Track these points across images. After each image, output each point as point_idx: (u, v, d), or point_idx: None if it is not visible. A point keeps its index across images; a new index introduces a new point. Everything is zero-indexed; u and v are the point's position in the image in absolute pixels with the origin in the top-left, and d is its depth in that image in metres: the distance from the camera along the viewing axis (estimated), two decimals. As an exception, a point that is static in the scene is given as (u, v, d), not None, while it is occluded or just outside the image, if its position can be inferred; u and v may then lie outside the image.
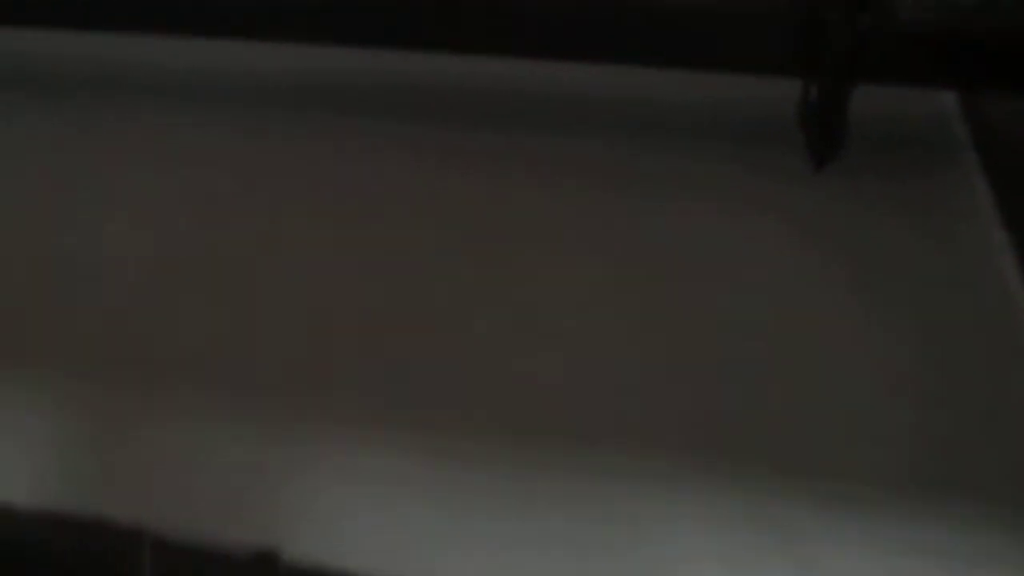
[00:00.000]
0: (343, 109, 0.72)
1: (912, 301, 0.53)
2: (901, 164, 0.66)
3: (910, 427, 0.46)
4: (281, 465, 0.47)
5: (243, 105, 0.72)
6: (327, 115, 0.71)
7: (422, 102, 0.71)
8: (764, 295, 0.54)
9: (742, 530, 0.42)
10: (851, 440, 0.45)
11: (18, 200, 0.65)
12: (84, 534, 0.49)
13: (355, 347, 0.52)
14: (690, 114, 0.69)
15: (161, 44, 0.71)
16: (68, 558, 0.50)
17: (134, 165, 0.67)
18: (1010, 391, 0.47)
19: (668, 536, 0.42)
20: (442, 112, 0.71)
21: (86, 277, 0.57)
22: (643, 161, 0.66)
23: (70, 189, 0.66)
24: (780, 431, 0.46)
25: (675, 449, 0.45)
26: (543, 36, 0.64)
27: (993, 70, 0.66)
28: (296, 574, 0.46)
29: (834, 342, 0.50)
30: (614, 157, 0.66)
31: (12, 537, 0.50)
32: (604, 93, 0.69)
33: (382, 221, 0.61)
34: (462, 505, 0.45)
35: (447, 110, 0.71)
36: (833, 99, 0.65)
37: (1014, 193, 0.66)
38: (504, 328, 0.53)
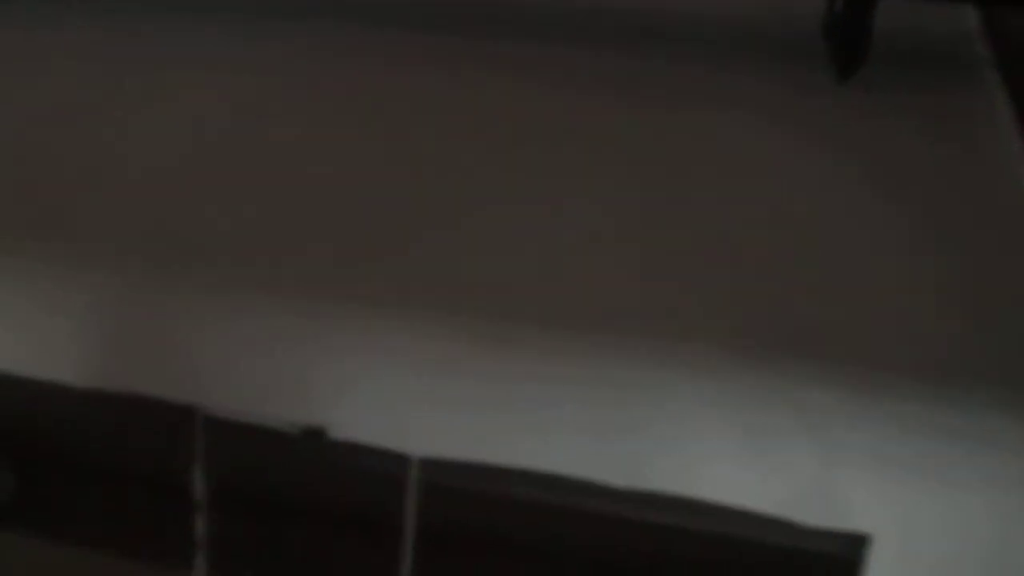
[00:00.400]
0: (367, 22, 0.73)
1: (929, 201, 0.55)
2: (923, 78, 0.67)
3: (929, 318, 0.48)
4: (325, 348, 0.49)
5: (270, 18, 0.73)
6: (351, 27, 0.72)
7: (445, 13, 0.73)
8: (787, 193, 0.56)
9: (766, 412, 0.45)
10: (872, 329, 0.48)
11: (58, 98, 0.67)
12: (136, 410, 0.51)
13: (393, 239, 0.54)
14: (717, 27, 0.71)
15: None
16: (120, 435, 0.53)
17: (170, 70, 0.69)
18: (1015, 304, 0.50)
19: (689, 415, 0.45)
20: (467, 22, 0.72)
21: (130, 166, 0.59)
22: (668, 72, 0.68)
23: (108, 90, 0.67)
24: (802, 320, 0.48)
25: (699, 334, 0.47)
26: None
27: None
28: (341, 448, 0.49)
29: (855, 238, 0.53)
30: (639, 68, 0.67)
31: (64, 416, 0.53)
32: (628, 5, 0.71)
33: (409, 124, 0.63)
34: (501, 392, 0.47)
35: (471, 20, 0.72)
36: (856, 12, 0.67)
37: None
38: (531, 219, 0.55)
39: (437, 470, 0.47)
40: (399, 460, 0.47)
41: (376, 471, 0.48)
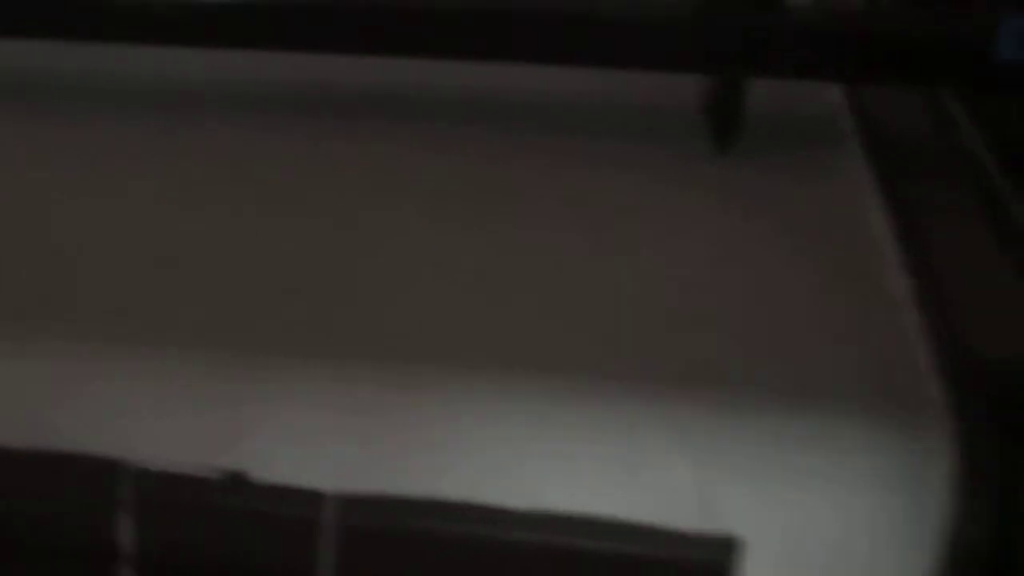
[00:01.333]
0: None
1: (789, 244, 0.62)
2: (792, 146, 0.75)
3: (787, 342, 0.54)
4: (244, 399, 0.54)
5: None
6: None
7: (369, 101, 0.80)
8: (663, 239, 0.63)
9: (644, 431, 0.50)
10: (740, 355, 0.53)
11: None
12: (62, 468, 0.55)
13: (297, 296, 0.59)
14: (614, 108, 0.78)
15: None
16: (46, 493, 0.56)
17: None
18: (868, 327, 0.56)
19: (577, 438, 0.50)
20: (395, 110, 0.79)
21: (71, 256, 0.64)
22: (568, 146, 0.74)
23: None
24: (676, 349, 0.54)
25: (584, 366, 0.53)
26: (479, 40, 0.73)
27: (873, 66, 0.76)
28: (264, 491, 0.53)
29: (725, 277, 0.59)
30: (544, 145, 0.74)
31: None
32: (539, 90, 0.78)
33: (349, 195, 0.69)
34: (404, 426, 0.52)
35: (400, 109, 0.79)
36: (731, 92, 0.74)
37: (890, 173, 0.75)
38: (420, 270, 0.60)
39: (351, 505, 0.51)
40: (314, 497, 0.51)
41: (293, 509, 0.52)
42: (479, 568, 0.52)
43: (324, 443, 0.52)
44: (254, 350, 0.54)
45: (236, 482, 0.53)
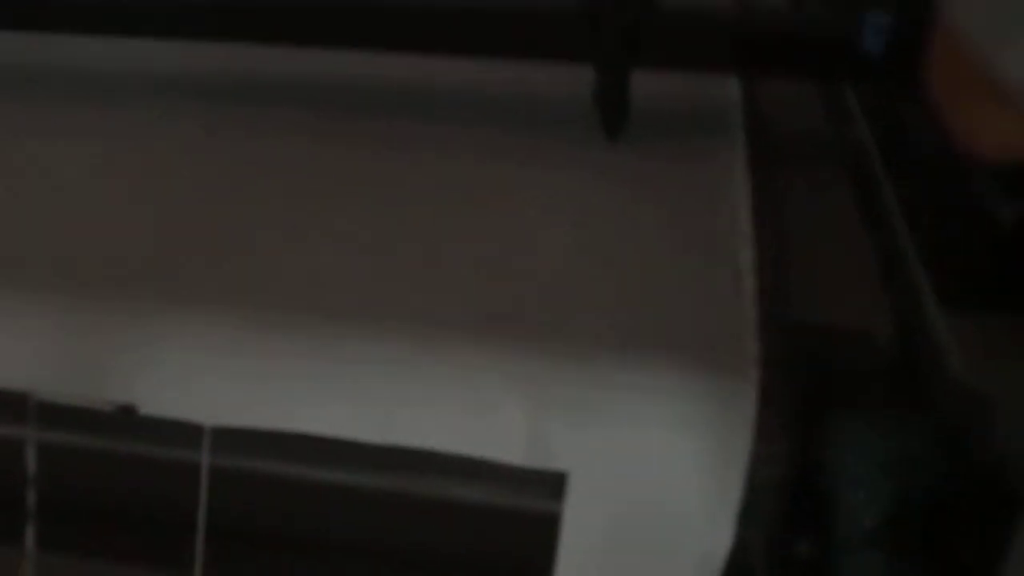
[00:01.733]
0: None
1: (654, 224, 0.68)
2: (679, 135, 0.81)
3: (626, 303, 0.61)
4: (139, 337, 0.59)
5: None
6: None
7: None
8: (533, 212, 0.69)
9: (480, 379, 0.56)
10: (579, 310, 0.60)
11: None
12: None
13: (197, 255, 0.65)
14: (505, 99, 0.84)
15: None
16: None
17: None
18: (706, 291, 0.62)
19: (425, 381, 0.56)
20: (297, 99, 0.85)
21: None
22: (463, 137, 0.80)
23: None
24: (523, 309, 0.60)
25: (438, 321, 0.59)
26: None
27: (748, 58, 0.82)
28: (153, 423, 0.59)
29: (579, 245, 0.65)
30: (438, 133, 0.80)
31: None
32: (431, 81, 0.84)
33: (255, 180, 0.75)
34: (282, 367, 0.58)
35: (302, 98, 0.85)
36: (614, 81, 0.80)
37: (765, 160, 0.82)
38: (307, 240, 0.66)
39: (228, 438, 0.57)
40: (194, 429, 0.57)
41: (174, 440, 0.58)
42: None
43: (207, 381, 0.58)
44: (156, 295, 0.60)
45: (127, 414, 0.59)
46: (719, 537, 0.54)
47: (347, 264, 0.63)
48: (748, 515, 0.54)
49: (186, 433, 0.58)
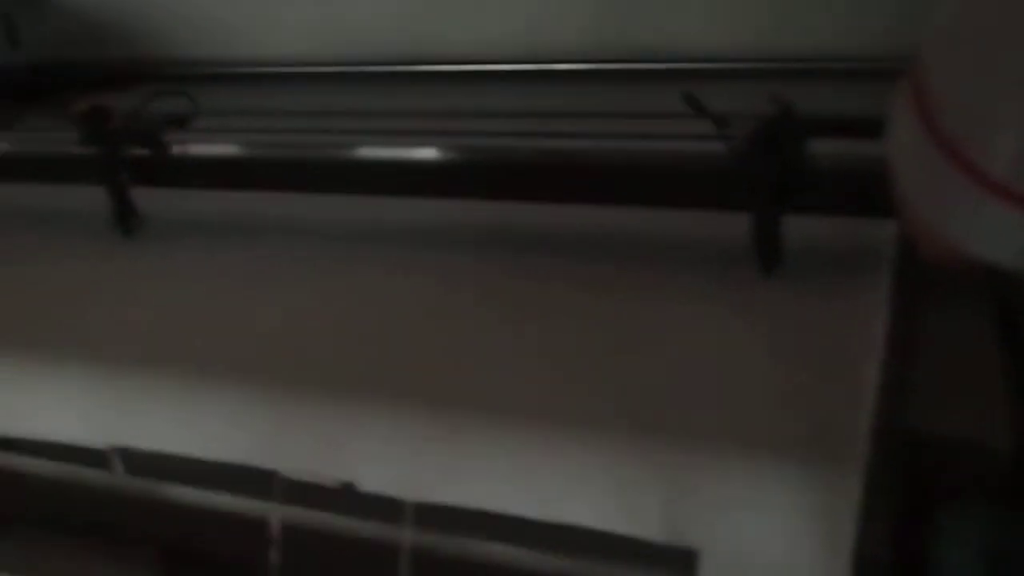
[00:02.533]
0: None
1: (796, 347, 0.77)
2: (827, 272, 0.90)
3: (762, 410, 0.71)
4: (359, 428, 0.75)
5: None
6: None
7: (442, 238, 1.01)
8: (696, 341, 0.79)
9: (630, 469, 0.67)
10: (717, 411, 0.70)
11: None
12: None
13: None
14: (668, 242, 0.97)
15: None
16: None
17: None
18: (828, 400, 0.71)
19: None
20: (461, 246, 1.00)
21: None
22: (630, 277, 0.93)
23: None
24: (672, 417, 0.71)
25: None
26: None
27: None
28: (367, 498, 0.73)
29: (722, 371, 0.76)
30: (607, 274, 0.93)
31: None
32: (603, 229, 0.98)
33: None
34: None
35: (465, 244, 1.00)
36: (767, 226, 0.91)
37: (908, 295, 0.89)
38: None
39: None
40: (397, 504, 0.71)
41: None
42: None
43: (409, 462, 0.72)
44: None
45: (348, 489, 0.74)
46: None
47: (530, 373, 0.77)
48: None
49: (391, 507, 0.72)
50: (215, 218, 1.11)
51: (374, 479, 0.72)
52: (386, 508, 0.73)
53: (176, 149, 1.07)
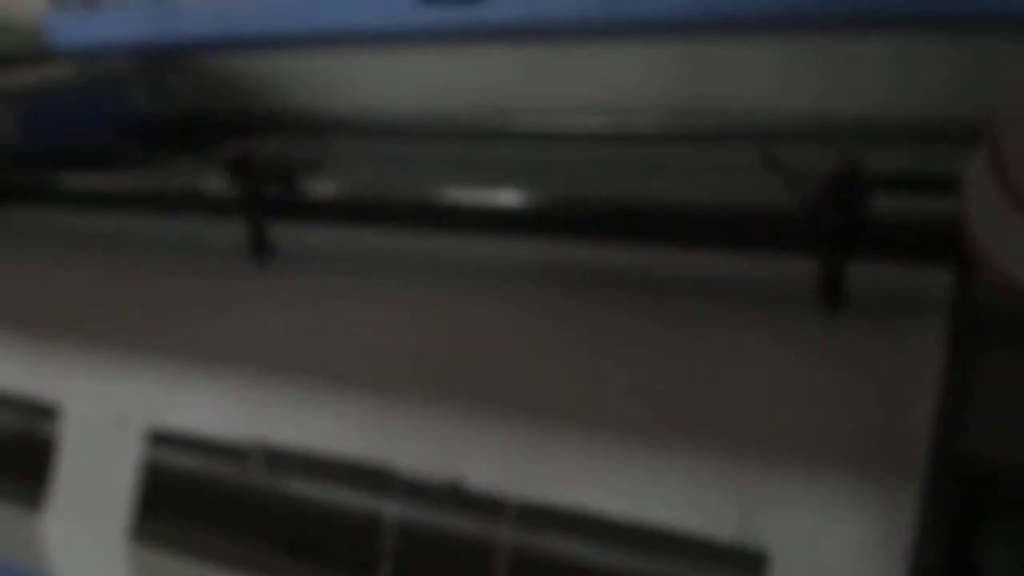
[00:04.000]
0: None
1: (849, 382, 0.81)
2: (888, 316, 0.93)
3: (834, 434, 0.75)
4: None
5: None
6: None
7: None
8: (764, 373, 0.84)
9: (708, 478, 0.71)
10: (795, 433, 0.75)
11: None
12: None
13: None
14: (744, 286, 1.01)
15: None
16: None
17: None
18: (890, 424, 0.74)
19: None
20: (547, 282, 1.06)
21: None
22: (710, 314, 0.97)
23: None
24: (747, 435, 0.75)
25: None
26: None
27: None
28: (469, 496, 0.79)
29: (789, 397, 0.80)
30: (684, 311, 0.98)
31: None
32: (680, 272, 1.03)
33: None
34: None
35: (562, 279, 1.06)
36: (832, 272, 0.95)
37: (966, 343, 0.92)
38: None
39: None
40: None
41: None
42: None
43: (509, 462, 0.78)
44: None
45: (455, 488, 0.80)
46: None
47: (619, 393, 0.83)
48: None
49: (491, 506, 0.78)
50: (334, 250, 1.19)
51: (479, 478, 0.78)
52: (488, 507, 0.78)
53: (307, 189, 1.16)
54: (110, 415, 0.96)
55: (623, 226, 1.07)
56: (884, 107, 1.32)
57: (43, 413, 1.04)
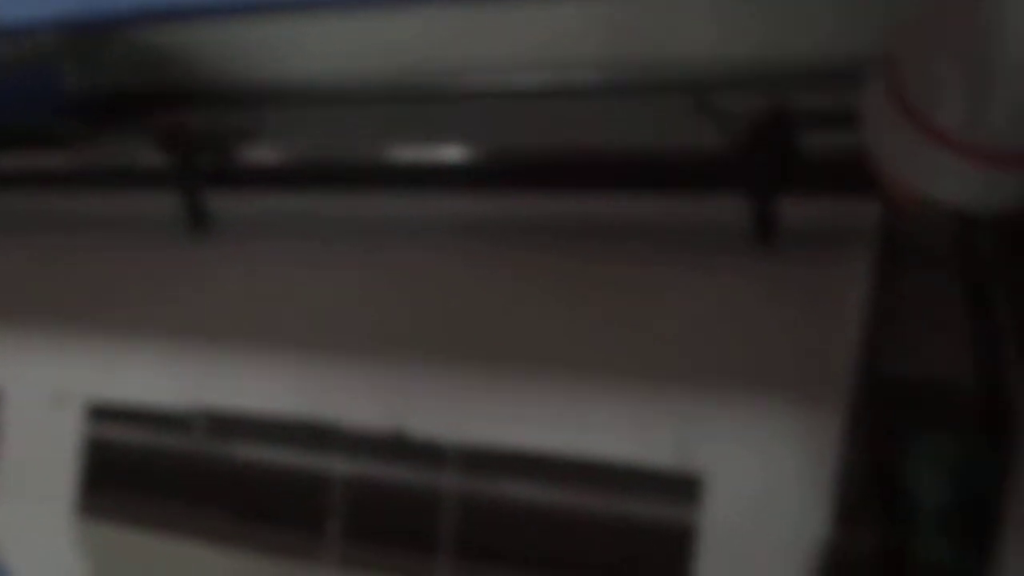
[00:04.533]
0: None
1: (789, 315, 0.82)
2: (816, 247, 0.95)
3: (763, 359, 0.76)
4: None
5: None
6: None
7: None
8: (695, 301, 0.85)
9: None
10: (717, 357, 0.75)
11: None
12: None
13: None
14: (680, 227, 1.02)
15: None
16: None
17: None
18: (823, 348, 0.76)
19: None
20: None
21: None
22: (645, 256, 0.98)
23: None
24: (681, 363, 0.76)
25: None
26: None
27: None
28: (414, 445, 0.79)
29: (720, 324, 0.81)
30: (623, 253, 0.98)
31: None
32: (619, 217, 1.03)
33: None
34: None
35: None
36: (764, 209, 0.96)
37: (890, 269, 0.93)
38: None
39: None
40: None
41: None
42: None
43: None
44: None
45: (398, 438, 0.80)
46: (817, 525, 0.66)
47: (555, 331, 0.83)
48: (840, 507, 0.66)
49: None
50: (273, 217, 1.18)
51: (422, 427, 0.78)
52: (432, 455, 0.79)
53: (243, 158, 1.14)
54: (49, 393, 0.95)
55: (562, 176, 1.07)
56: (819, 52, 1.33)
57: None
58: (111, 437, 0.93)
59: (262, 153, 1.17)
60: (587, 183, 1.04)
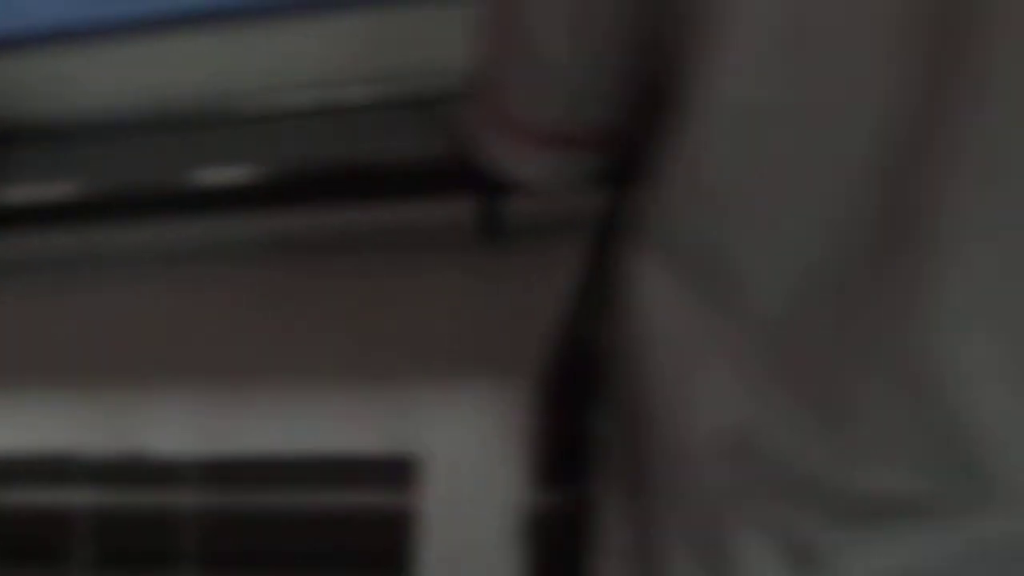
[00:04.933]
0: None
1: (494, 295, 0.91)
2: (533, 247, 1.05)
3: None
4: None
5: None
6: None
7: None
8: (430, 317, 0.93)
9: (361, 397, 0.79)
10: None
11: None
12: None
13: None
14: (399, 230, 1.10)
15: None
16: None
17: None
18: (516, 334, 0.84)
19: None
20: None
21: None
22: (382, 263, 1.05)
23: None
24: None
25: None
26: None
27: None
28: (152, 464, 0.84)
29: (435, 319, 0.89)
30: (364, 262, 1.05)
31: None
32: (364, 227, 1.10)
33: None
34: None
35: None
36: (488, 209, 1.05)
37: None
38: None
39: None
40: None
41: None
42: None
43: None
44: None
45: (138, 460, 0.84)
46: (514, 490, 0.75)
47: (278, 346, 0.89)
48: (533, 473, 0.75)
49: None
50: (34, 257, 1.19)
51: (163, 442, 0.83)
52: (172, 472, 0.84)
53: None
54: None
55: (316, 191, 1.14)
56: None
57: None
58: None
59: (19, 192, 1.18)
60: (339, 197, 1.11)
